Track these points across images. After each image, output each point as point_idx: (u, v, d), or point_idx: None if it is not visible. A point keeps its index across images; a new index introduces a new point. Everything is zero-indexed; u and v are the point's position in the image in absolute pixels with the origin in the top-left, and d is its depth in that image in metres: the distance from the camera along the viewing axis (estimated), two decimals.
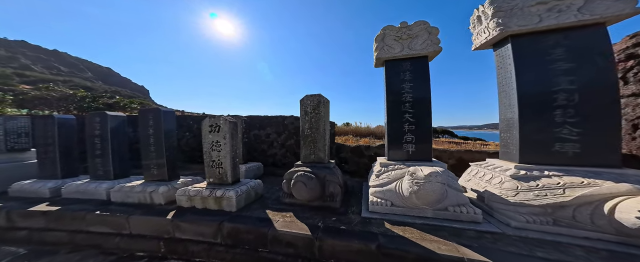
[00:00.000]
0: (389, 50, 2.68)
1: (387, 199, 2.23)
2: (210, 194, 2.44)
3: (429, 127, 2.61)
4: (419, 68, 2.62)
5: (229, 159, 2.65)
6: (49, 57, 73.34)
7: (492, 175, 2.26)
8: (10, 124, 3.24)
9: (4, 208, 2.40)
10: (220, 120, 2.63)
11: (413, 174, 1.98)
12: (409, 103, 2.64)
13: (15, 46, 71.79)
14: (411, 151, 2.64)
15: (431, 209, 2.05)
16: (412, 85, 2.63)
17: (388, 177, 2.31)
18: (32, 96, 6.62)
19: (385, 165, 2.58)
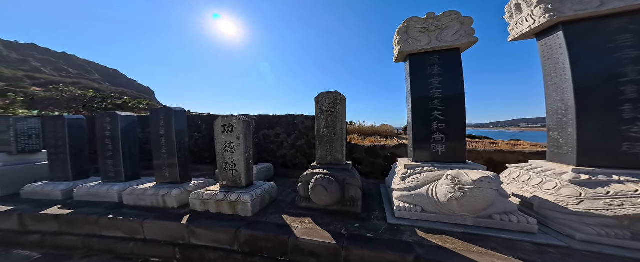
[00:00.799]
0: (414, 43, 2.48)
1: (417, 205, 2.08)
2: (224, 198, 2.35)
3: (462, 125, 2.40)
4: (450, 61, 2.41)
5: (242, 161, 2.54)
6: (58, 60, 75.48)
7: (543, 179, 2.07)
8: (21, 125, 3.22)
9: (16, 211, 2.36)
10: (233, 120, 2.52)
11: (456, 178, 1.78)
12: (438, 99, 2.44)
13: (25, 49, 74.10)
14: (441, 152, 2.45)
15: (471, 217, 1.89)
16: (441, 80, 2.43)
17: (417, 181, 2.15)
18: (42, 97, 6.71)
19: (411, 167, 2.41)
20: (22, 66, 50.74)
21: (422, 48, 2.45)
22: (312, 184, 2.28)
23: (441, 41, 2.36)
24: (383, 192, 3.04)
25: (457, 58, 2.39)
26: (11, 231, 2.30)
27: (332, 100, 2.69)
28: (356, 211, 2.33)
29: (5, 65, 50.67)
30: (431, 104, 2.46)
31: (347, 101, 2.80)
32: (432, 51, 2.45)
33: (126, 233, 2.18)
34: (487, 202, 1.73)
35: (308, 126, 5.11)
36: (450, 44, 2.34)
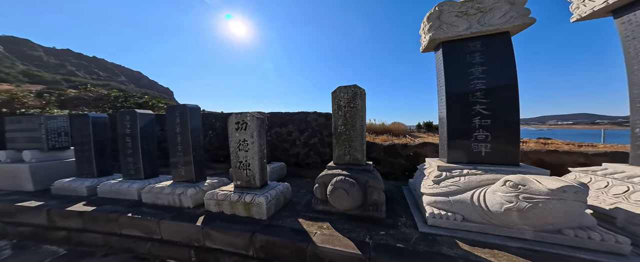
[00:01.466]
0: (449, 29, 2.16)
1: (456, 212, 1.82)
2: (238, 199, 2.26)
3: (515, 121, 2.06)
4: (497, 47, 2.07)
5: (257, 160, 2.43)
6: (90, 64, 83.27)
7: (629, 188, 1.70)
8: (51, 123, 3.41)
9: (45, 206, 2.48)
10: (247, 117, 2.40)
11: (520, 185, 1.49)
12: (482, 91, 2.11)
13: (62, 54, 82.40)
14: (484, 152, 2.12)
15: (532, 230, 1.58)
16: (485, 68, 2.09)
17: (456, 185, 1.88)
18: (72, 97, 7.30)
19: (447, 169, 2.13)
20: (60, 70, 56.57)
21: (459, 34, 2.12)
22: (331, 186, 2.10)
23: (485, 25, 2.02)
24: (406, 195, 2.78)
25: (506, 43, 2.03)
26: (41, 226, 2.41)
27: (350, 95, 2.48)
28: (380, 216, 2.13)
29: (46, 70, 56.66)
30: (472, 97, 2.14)
31: None
32: (472, 37, 2.12)
33: (144, 233, 2.18)
34: (567, 217, 1.42)
35: (321, 124, 4.93)
36: (497, 28, 1.99)
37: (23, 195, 2.96)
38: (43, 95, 7.49)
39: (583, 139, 4.89)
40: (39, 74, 52.64)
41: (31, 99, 6.91)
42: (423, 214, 2.02)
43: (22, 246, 2.27)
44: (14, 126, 3.48)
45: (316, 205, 2.40)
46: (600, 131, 11.58)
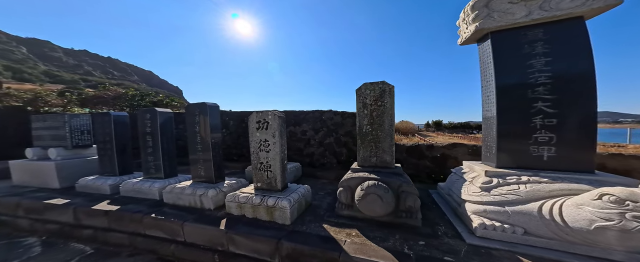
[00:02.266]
0: (503, 17, 1.93)
1: (515, 225, 1.64)
2: (261, 202, 2.19)
3: (591, 120, 1.80)
4: (567, 34, 1.81)
5: (278, 162, 2.35)
6: (105, 64, 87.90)
7: None
8: (74, 121, 3.51)
9: (71, 205, 2.53)
10: (268, 116, 2.32)
11: (629, 201, 1.25)
12: (546, 86, 1.86)
13: (79, 55, 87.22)
14: (547, 156, 1.89)
15: (625, 251, 1.37)
16: (550, 60, 1.84)
17: (515, 194, 1.69)
18: (92, 96, 7.65)
19: (499, 175, 1.93)
20: (78, 70, 60.18)
21: (516, 22, 1.89)
22: (361, 191, 1.98)
23: (551, 10, 1.76)
24: (438, 200, 2.61)
25: (580, 30, 1.77)
26: (68, 224, 2.46)
27: (378, 93, 2.34)
28: (415, 223, 1.99)
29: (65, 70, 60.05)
30: (533, 92, 1.90)
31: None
32: (532, 25, 1.88)
33: (168, 234, 2.16)
34: None
35: (337, 123, 4.81)
36: (569, 12, 1.73)
37: (49, 192, 3.06)
38: (64, 95, 7.88)
39: (608, 138, 4.43)
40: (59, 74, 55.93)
41: (54, 98, 7.30)
42: (468, 224, 1.85)
43: (51, 243, 2.33)
44: (39, 124, 3.61)
45: (340, 210, 2.29)
46: (626, 130, 10.60)
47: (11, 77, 40.65)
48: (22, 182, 3.42)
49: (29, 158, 3.54)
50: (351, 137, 4.68)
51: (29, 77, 43.82)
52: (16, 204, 2.72)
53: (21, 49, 73.52)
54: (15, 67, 52.24)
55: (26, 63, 63.74)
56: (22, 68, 54.49)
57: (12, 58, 65.23)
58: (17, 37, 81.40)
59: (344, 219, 2.19)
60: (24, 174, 3.40)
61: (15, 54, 68.87)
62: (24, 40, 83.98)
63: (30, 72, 52.17)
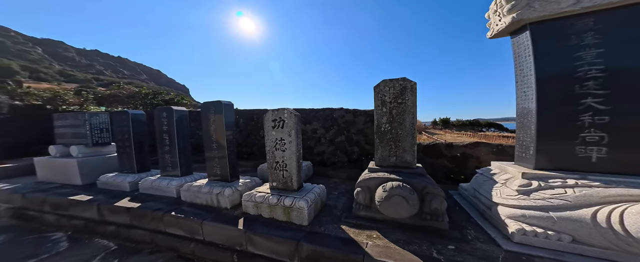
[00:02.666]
0: (546, 5, 1.77)
1: (562, 232, 1.55)
2: (277, 202, 2.20)
3: None
4: (624, 23, 1.65)
5: (294, 161, 2.35)
6: (115, 63, 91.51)
7: None
8: (94, 119, 3.64)
9: (95, 201, 2.64)
10: (284, 114, 2.31)
11: None
12: (597, 80, 1.72)
13: (91, 55, 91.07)
14: (596, 158, 1.76)
15: None
16: (602, 51, 1.70)
17: (562, 199, 1.58)
18: (108, 94, 7.97)
19: (540, 178, 1.81)
20: (90, 70, 62.94)
21: (562, 11, 1.73)
22: (385, 192, 1.94)
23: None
24: (460, 202, 2.53)
25: (638, 17, 1.61)
26: (92, 219, 2.57)
27: (398, 90, 2.28)
28: (441, 226, 1.95)
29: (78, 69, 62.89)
30: (581, 87, 1.76)
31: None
32: (582, 13, 1.73)
33: (187, 232, 2.21)
34: None
35: (348, 121, 4.76)
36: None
37: (73, 188, 3.20)
38: (81, 93, 8.23)
39: None
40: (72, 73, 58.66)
41: (71, 97, 7.64)
42: (502, 229, 1.78)
43: (77, 238, 2.44)
44: (61, 122, 3.78)
45: (358, 210, 2.27)
46: None
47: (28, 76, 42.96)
48: (47, 179, 3.60)
49: (52, 155, 3.72)
50: (363, 135, 4.62)
51: (45, 76, 46.14)
52: (42, 200, 2.86)
53: (37, 50, 77.19)
54: (31, 67, 54.95)
55: (42, 63, 67.08)
56: (38, 68, 57.34)
57: (28, 58, 68.55)
58: (33, 38, 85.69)
59: (362, 220, 2.17)
60: (48, 170, 3.57)
61: (31, 54, 72.37)
62: (39, 40, 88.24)
63: (46, 71, 54.87)
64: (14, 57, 59.71)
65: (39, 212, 2.84)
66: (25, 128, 6.41)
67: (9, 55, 58.48)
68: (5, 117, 6.10)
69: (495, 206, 1.86)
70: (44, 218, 2.79)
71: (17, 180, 3.71)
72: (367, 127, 4.53)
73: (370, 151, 4.49)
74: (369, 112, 4.57)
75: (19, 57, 64.10)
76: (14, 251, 2.19)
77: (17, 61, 52.77)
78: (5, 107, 6.23)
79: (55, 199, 2.81)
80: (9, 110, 6.21)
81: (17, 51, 67.00)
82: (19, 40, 74.99)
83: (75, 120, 3.63)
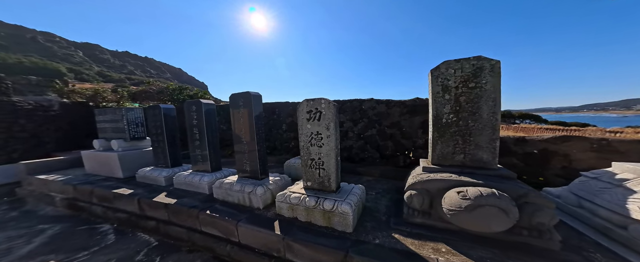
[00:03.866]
0: None
1: None
2: (316, 205, 2.05)
3: None
4: None
5: (333, 158, 2.17)
6: (143, 63, 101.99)
7: None
8: (130, 114, 3.91)
9: (135, 195, 2.81)
10: (321, 104, 2.11)
11: None
12: None
13: (123, 56, 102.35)
14: None
15: None
16: None
17: None
18: (140, 90, 8.76)
19: None
20: (123, 70, 71.02)
21: None
22: (467, 201, 1.61)
23: None
24: None
25: None
26: (134, 213, 2.75)
27: (469, 72, 1.93)
28: (547, 246, 1.58)
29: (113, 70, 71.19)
30: None
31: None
32: None
33: (222, 233, 2.21)
34: None
35: (381, 113, 4.43)
36: None
37: (115, 181, 3.51)
38: (117, 91, 9.16)
39: None
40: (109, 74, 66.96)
41: (109, 94, 8.55)
42: None
43: (122, 231, 2.64)
44: (102, 117, 4.14)
45: (412, 217, 2.01)
46: None
47: (73, 77, 49.75)
48: (93, 171, 4.02)
49: (96, 149, 4.10)
50: (399, 128, 4.27)
51: (87, 77, 53.29)
52: (90, 191, 3.17)
53: (78, 53, 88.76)
54: (75, 69, 63.56)
55: (84, 65, 77.24)
56: (81, 70, 66.11)
57: (72, 61, 79.12)
58: (74, 42, 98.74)
59: (418, 228, 1.94)
60: (93, 163, 3.98)
61: (74, 57, 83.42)
62: (79, 44, 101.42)
63: (88, 73, 63.17)
64: (61, 60, 69.49)
65: (88, 204, 3.15)
66: (74, 123, 7.35)
67: (57, 58, 68.24)
68: (57, 114, 7.05)
69: (634, 224, 1.43)
70: (92, 209, 3.09)
71: (69, 171, 4.21)
72: (404, 119, 4.17)
73: (407, 146, 4.15)
74: (406, 102, 4.18)
75: (64, 60, 74.43)
76: (69, 241, 2.44)
77: (64, 64, 61.38)
78: (56, 105, 7.18)
79: (101, 191, 3.08)
80: (59, 107, 7.13)
81: (63, 55, 77.94)
82: (63, 44, 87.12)
83: (114, 116, 3.93)
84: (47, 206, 3.50)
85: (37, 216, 3.18)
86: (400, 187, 3.11)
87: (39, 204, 3.61)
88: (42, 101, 7.13)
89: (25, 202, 3.73)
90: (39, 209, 3.42)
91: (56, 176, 3.86)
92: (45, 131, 6.72)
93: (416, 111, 3.99)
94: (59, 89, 8.19)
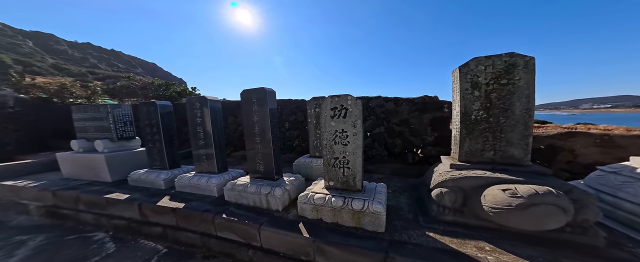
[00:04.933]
0: None
1: None
2: (344, 205, 2.09)
3: None
4: None
5: (358, 157, 2.25)
6: (109, 57, 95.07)
7: None
8: (117, 112, 3.68)
9: (134, 200, 2.67)
10: (347, 101, 2.18)
11: None
12: None
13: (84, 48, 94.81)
14: None
15: None
16: None
17: None
18: (121, 86, 8.20)
19: None
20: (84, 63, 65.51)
21: None
22: (518, 199, 1.65)
23: None
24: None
25: None
26: (134, 220, 2.61)
27: (501, 68, 2.05)
28: (591, 242, 1.69)
29: (72, 63, 65.62)
30: None
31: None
32: None
33: (242, 237, 2.18)
34: None
35: (389, 110, 4.62)
36: None
37: (103, 186, 3.30)
38: (88, 86, 8.50)
39: (631, 123, 3.88)
40: (66, 67, 61.69)
41: (78, 89, 7.89)
42: None
43: (120, 239, 2.50)
44: (81, 115, 3.85)
45: (443, 215, 2.13)
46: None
47: (22, 70, 45.18)
48: (73, 175, 3.73)
49: (75, 150, 3.80)
50: (407, 126, 4.48)
51: (39, 70, 48.49)
52: (76, 197, 2.95)
53: (28, 43, 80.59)
54: (24, 60, 57.48)
55: (34, 56, 70.25)
56: (31, 61, 60.04)
57: (20, 52, 71.70)
58: (22, 31, 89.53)
59: (452, 226, 2.02)
60: (73, 166, 3.69)
61: (23, 47, 75.63)
62: (29, 33, 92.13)
63: (40, 65, 57.57)
64: (5, 50, 62.65)
65: (74, 211, 2.94)
66: (35, 122, 6.71)
67: (0, 48, 61.42)
68: (15, 111, 6.39)
69: None
70: (80, 217, 2.88)
71: (40, 176, 3.88)
72: (413, 116, 4.37)
73: (416, 143, 4.36)
74: (415, 100, 4.38)
75: (10, 50, 67.14)
76: (61, 252, 2.27)
77: (9, 55, 55.31)
78: (11, 100, 6.51)
79: (90, 197, 2.88)
80: (16, 104, 6.47)
81: (8, 44, 70.25)
82: (7, 33, 78.54)
83: (97, 113, 3.69)
84: (18, 216, 3.20)
85: (9, 227, 2.90)
86: (413, 184, 3.26)
87: (8, 213, 3.29)
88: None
89: None
90: (9, 220, 3.11)
91: (27, 181, 3.54)
92: (3, 130, 6.09)
93: (426, 109, 4.19)
94: (15, 83, 7.41)
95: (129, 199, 2.70)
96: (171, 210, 2.41)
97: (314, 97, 3.90)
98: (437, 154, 3.93)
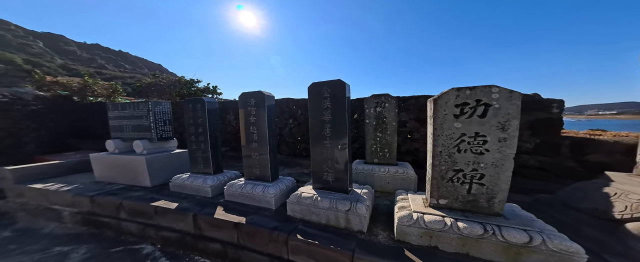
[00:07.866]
0: None
1: None
2: (484, 234, 1.83)
3: None
4: None
5: (504, 171, 1.93)
6: (117, 57, 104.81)
7: None
8: (158, 109, 3.78)
9: (187, 210, 2.62)
10: (492, 94, 1.87)
11: None
12: None
13: (92, 49, 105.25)
14: None
15: None
16: None
17: None
18: (148, 83, 8.76)
19: None
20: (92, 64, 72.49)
21: None
22: None
23: None
24: None
25: None
26: (188, 233, 2.55)
27: None
28: None
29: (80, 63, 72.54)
30: None
31: None
32: None
33: None
34: None
35: None
36: None
37: (144, 191, 3.33)
38: (111, 83, 9.16)
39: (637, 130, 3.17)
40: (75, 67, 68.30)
41: (99, 88, 8.51)
42: None
43: (172, 254, 2.44)
44: (117, 113, 4.01)
45: None
46: None
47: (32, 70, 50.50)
48: (107, 178, 3.83)
49: (110, 151, 3.93)
50: None
51: (48, 70, 54.04)
52: (118, 204, 2.96)
53: (38, 43, 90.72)
54: (34, 60, 64.41)
55: (44, 57, 78.55)
56: (41, 62, 67.15)
57: (30, 52, 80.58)
58: (33, 32, 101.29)
59: None
60: (108, 169, 3.80)
61: (33, 48, 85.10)
62: (40, 34, 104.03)
63: (49, 65, 64.18)
64: (16, 50, 70.72)
65: (115, 219, 2.94)
66: (57, 120, 7.22)
67: (11, 49, 69.50)
68: (37, 109, 6.93)
69: None
70: (121, 226, 2.88)
71: (70, 179, 4.01)
72: None
73: None
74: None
75: (20, 50, 75.73)
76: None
77: (20, 55, 62.32)
78: (31, 98, 7.08)
79: (135, 204, 2.89)
80: (36, 101, 7.02)
81: (19, 45, 79.51)
82: (19, 33, 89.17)
83: (136, 111, 3.81)
84: (49, 223, 3.30)
85: (42, 235, 2.97)
86: (526, 201, 2.91)
87: (37, 220, 3.41)
88: (21, 93, 7.04)
89: (15, 218, 3.51)
90: (41, 227, 3.21)
91: (58, 184, 3.67)
92: (24, 129, 6.58)
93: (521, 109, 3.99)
94: (38, 80, 8.13)
95: (179, 208, 2.66)
96: (233, 225, 2.31)
97: (374, 95, 3.79)
98: (538, 165, 3.71)
